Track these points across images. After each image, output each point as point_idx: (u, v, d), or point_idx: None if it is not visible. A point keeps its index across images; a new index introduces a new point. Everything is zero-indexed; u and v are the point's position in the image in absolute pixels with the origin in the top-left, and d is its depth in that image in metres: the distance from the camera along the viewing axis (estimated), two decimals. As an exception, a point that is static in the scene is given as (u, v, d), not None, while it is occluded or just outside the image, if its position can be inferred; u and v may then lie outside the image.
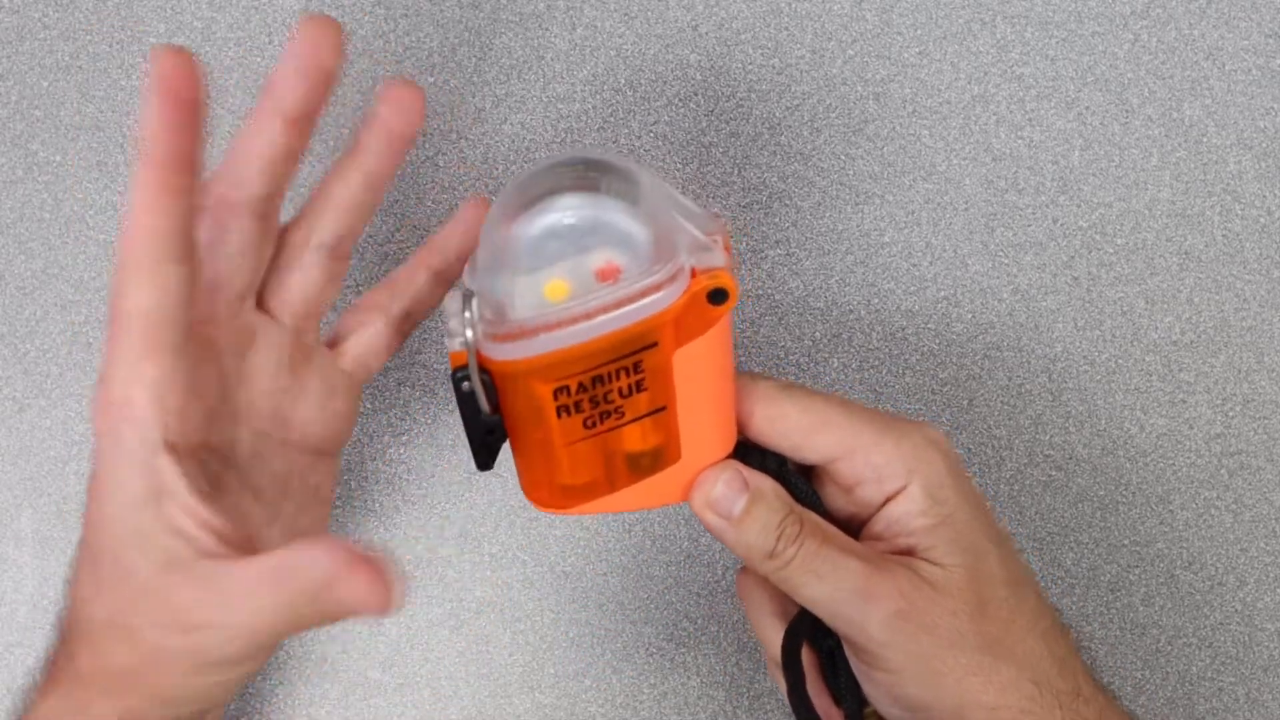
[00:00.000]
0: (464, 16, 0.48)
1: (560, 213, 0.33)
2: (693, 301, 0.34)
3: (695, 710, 0.50)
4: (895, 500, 0.38)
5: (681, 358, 0.35)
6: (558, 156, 0.35)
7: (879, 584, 0.37)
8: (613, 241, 0.33)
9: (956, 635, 0.37)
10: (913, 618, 0.37)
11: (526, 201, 0.33)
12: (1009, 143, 0.50)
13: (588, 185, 0.33)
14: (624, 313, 0.34)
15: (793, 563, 0.37)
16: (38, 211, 0.48)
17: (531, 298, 0.34)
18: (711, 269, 0.34)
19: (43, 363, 0.49)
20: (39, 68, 0.48)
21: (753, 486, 0.38)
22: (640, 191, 0.33)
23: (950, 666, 0.37)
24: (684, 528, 0.50)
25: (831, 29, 0.49)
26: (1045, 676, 0.38)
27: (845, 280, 0.50)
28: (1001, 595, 0.38)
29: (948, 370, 0.50)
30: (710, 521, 0.38)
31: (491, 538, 0.50)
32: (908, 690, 0.38)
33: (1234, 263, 0.50)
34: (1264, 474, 0.51)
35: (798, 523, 0.37)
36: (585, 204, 0.33)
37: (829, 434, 0.38)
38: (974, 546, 0.38)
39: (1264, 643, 0.51)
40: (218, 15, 0.48)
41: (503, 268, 0.33)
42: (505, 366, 0.35)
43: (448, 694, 0.50)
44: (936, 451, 0.38)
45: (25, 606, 0.49)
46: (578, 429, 0.36)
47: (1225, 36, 0.50)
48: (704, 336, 0.35)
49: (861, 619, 0.37)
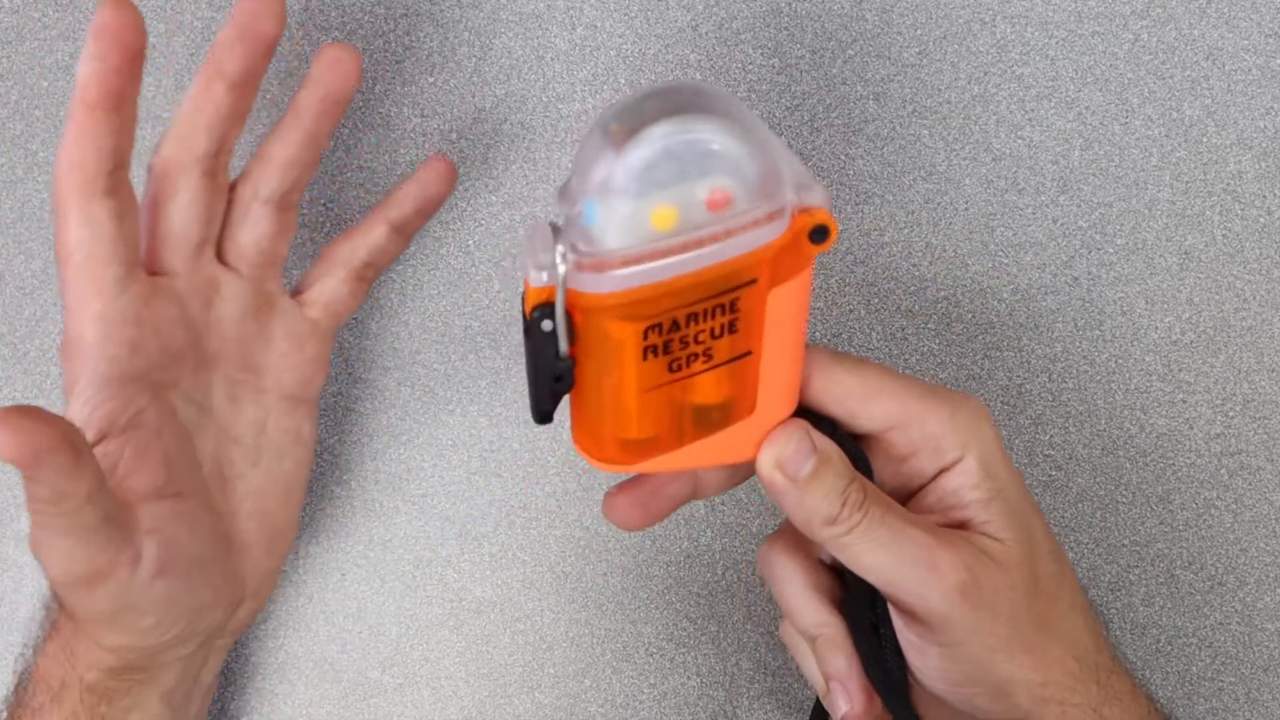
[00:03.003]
0: (464, 16, 0.48)
1: (674, 136, 0.31)
2: (795, 238, 0.33)
3: (695, 710, 0.50)
4: (949, 472, 0.38)
5: (774, 300, 0.34)
6: (660, 84, 0.34)
7: (943, 556, 0.36)
8: (724, 169, 0.32)
9: (1013, 611, 0.37)
10: (975, 592, 0.36)
11: (637, 124, 0.32)
12: (1009, 143, 0.50)
13: (699, 109, 0.32)
14: (731, 244, 0.32)
15: (856, 529, 0.36)
16: (37, 211, 0.48)
17: (637, 225, 0.32)
18: (812, 207, 0.33)
19: (43, 363, 0.49)
20: (39, 68, 0.48)
21: (821, 449, 0.37)
22: (748, 121, 0.32)
23: (1005, 642, 0.37)
24: (684, 528, 0.50)
25: (831, 29, 0.49)
26: (1085, 652, 0.38)
27: (845, 280, 0.50)
28: (1051, 570, 0.38)
29: (948, 370, 0.50)
30: (776, 482, 0.37)
31: (491, 538, 0.50)
32: (962, 665, 0.37)
33: (1234, 263, 0.50)
34: (1264, 474, 0.51)
35: (862, 490, 0.37)
36: (699, 128, 0.31)
37: (885, 402, 0.38)
38: (1026, 522, 0.38)
39: (1264, 643, 0.51)
40: (217, 15, 0.48)
41: (607, 192, 0.32)
42: (598, 300, 0.33)
43: (448, 694, 0.50)
44: (988, 424, 0.38)
45: (25, 606, 0.49)
46: (660, 373, 0.34)
47: (1225, 36, 0.50)
48: (798, 278, 0.34)
49: (924, 590, 0.36)
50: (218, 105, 0.40)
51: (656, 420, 0.36)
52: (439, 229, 0.49)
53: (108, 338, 0.38)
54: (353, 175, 0.48)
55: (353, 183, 0.48)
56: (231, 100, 0.40)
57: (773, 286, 0.34)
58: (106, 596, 0.38)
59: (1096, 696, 0.38)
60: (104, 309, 0.38)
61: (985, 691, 0.37)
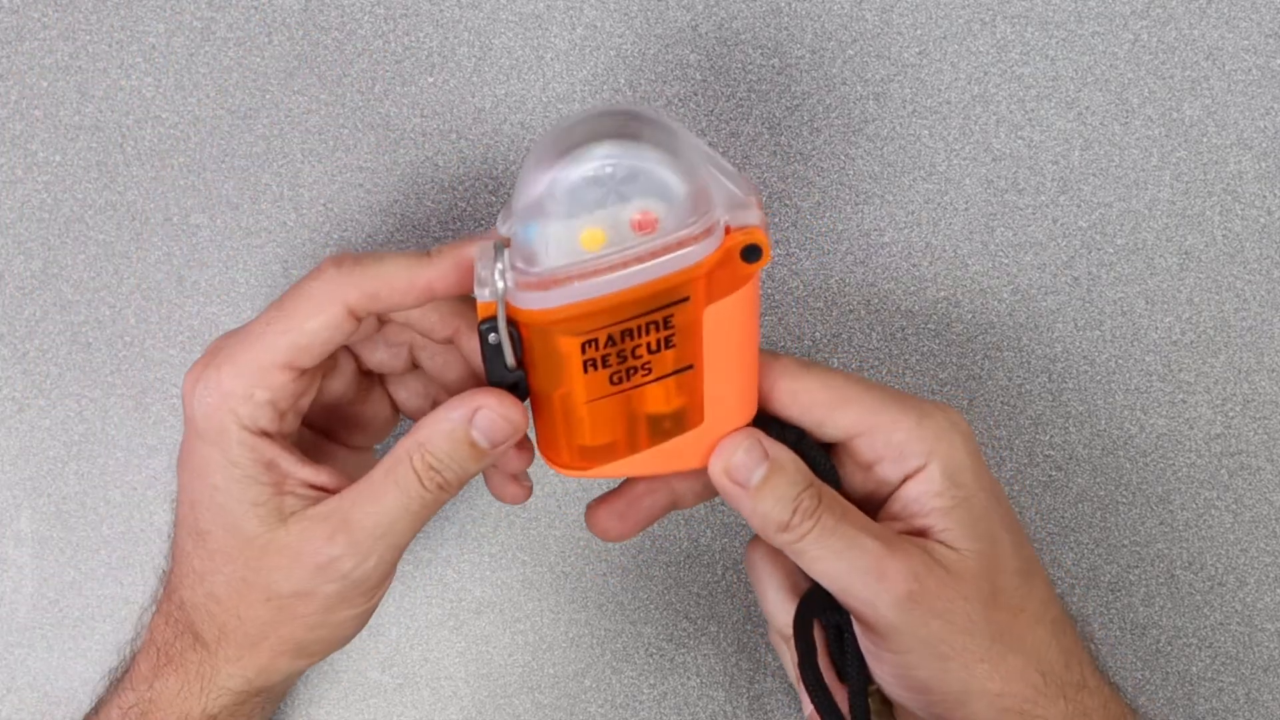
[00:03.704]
0: (464, 16, 0.48)
1: (601, 160, 0.33)
2: (726, 257, 0.34)
3: (695, 710, 0.50)
4: (913, 480, 0.38)
5: (711, 316, 0.35)
6: (598, 106, 0.35)
7: (892, 564, 0.36)
8: (651, 191, 0.33)
9: (967, 621, 0.37)
10: (924, 601, 0.36)
11: (566, 147, 0.33)
12: (1009, 143, 0.50)
13: (629, 134, 0.33)
14: (658, 264, 0.34)
15: (808, 536, 0.37)
16: (37, 211, 0.48)
17: (566, 245, 0.33)
18: (746, 226, 0.34)
19: (43, 363, 0.49)
20: (39, 68, 0.48)
21: (772, 457, 0.37)
22: (679, 144, 0.33)
23: (958, 651, 0.37)
24: (684, 528, 0.50)
25: (831, 29, 0.49)
26: (1051, 667, 0.38)
27: (845, 280, 0.50)
28: (1013, 584, 0.38)
29: (948, 370, 0.50)
30: (727, 489, 0.38)
31: (491, 538, 0.50)
32: (915, 672, 0.38)
33: (1234, 263, 0.50)
34: (1264, 474, 0.51)
35: (816, 496, 0.37)
36: (626, 152, 0.33)
37: (851, 410, 0.38)
38: (989, 532, 0.38)
39: (1264, 643, 0.51)
40: (217, 15, 0.48)
41: (539, 214, 0.33)
42: (534, 316, 0.34)
43: (448, 694, 0.50)
44: (957, 434, 0.38)
45: (25, 606, 0.49)
46: (603, 385, 0.36)
47: (1225, 36, 0.50)
48: (734, 295, 0.35)
49: (873, 598, 0.37)
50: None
51: (610, 428, 0.37)
52: (439, 229, 0.49)
53: (272, 407, 0.39)
54: (353, 175, 0.48)
55: (353, 183, 0.48)
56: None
57: (709, 303, 0.35)
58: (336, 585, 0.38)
59: (1063, 712, 0.38)
60: (284, 385, 0.39)
61: (941, 700, 0.38)
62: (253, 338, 0.38)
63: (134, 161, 0.48)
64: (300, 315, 0.37)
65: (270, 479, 0.38)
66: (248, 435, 0.37)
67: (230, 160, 0.48)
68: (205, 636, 0.39)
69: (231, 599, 0.39)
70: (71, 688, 0.49)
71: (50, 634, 0.49)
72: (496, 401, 0.37)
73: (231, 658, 0.39)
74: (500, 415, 0.37)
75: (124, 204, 0.48)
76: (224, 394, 0.37)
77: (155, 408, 0.49)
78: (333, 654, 0.49)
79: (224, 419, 0.37)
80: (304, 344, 0.37)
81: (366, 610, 0.40)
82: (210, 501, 0.38)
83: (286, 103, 0.48)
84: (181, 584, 0.40)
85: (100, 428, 0.49)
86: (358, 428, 0.44)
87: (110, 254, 0.48)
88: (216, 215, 0.48)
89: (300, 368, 0.38)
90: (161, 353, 0.49)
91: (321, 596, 0.38)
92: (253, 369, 0.37)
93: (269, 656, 0.39)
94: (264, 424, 0.38)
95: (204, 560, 0.39)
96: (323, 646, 0.40)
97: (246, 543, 0.38)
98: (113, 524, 0.49)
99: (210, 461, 0.38)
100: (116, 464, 0.49)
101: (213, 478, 0.38)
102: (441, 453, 0.37)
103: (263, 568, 0.38)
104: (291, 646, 0.39)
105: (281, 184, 0.48)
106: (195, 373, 0.38)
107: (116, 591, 0.49)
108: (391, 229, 0.49)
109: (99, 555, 0.49)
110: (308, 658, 0.40)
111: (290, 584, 0.38)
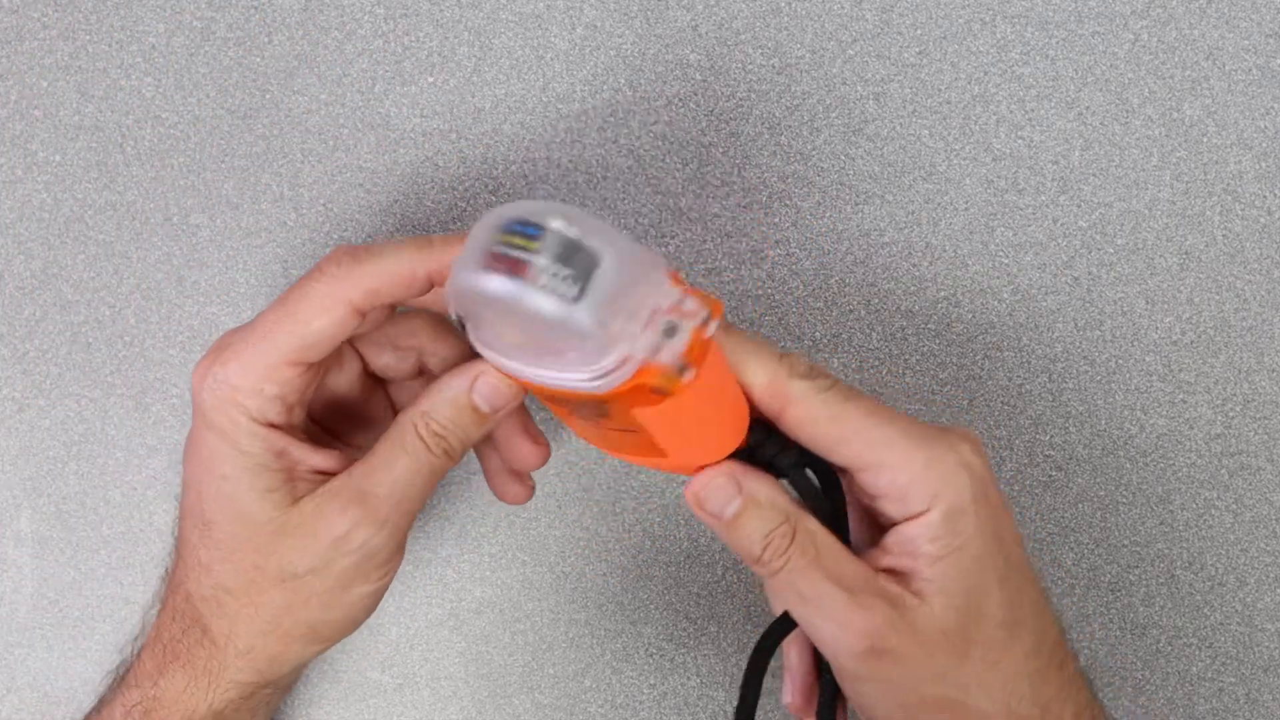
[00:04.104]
0: (464, 16, 0.48)
1: (503, 294, 0.30)
2: (637, 389, 0.32)
3: (695, 710, 0.50)
4: (912, 521, 0.37)
5: (645, 414, 0.34)
6: (522, 208, 0.31)
7: (855, 618, 0.36)
8: (562, 334, 0.31)
9: (930, 674, 0.37)
10: (885, 655, 0.37)
11: (479, 260, 0.31)
12: (1009, 143, 0.50)
13: (532, 276, 0.30)
14: (566, 381, 0.33)
15: (778, 575, 0.37)
16: (37, 211, 0.48)
17: (489, 332, 0.35)
18: (660, 366, 0.31)
19: (43, 363, 0.49)
20: (39, 68, 0.48)
21: (746, 492, 0.37)
22: (593, 280, 0.30)
23: (918, 702, 0.37)
24: (684, 528, 0.50)
25: (831, 29, 0.49)
26: (1025, 717, 0.38)
27: (845, 280, 0.50)
28: (995, 636, 0.37)
29: (948, 370, 0.50)
30: (703, 519, 0.39)
31: (491, 538, 0.50)
32: (878, 714, 0.38)
33: (1234, 263, 0.50)
34: (1264, 474, 0.51)
35: (788, 535, 0.37)
36: (543, 302, 0.30)
37: (857, 446, 0.37)
38: (976, 585, 0.37)
39: (1264, 643, 0.51)
40: (217, 15, 0.48)
41: (466, 302, 0.32)
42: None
43: (448, 694, 0.50)
44: (966, 476, 0.37)
45: (25, 606, 0.49)
46: (568, 416, 0.37)
47: (1225, 36, 0.50)
48: (670, 400, 0.33)
49: (835, 647, 0.37)
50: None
51: (597, 440, 0.39)
52: (439, 229, 0.49)
53: (281, 401, 0.39)
54: (353, 175, 0.48)
55: (353, 183, 0.48)
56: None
57: (635, 408, 0.33)
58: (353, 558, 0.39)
59: None
60: (292, 378, 0.39)
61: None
62: (258, 335, 0.38)
63: (134, 161, 0.48)
64: (304, 316, 0.37)
65: (281, 466, 0.38)
66: (258, 427, 0.38)
67: (230, 160, 0.48)
68: (214, 630, 0.39)
69: (243, 587, 0.39)
70: (71, 688, 0.49)
71: (50, 634, 0.49)
72: (495, 369, 0.37)
73: (242, 650, 0.39)
74: (500, 379, 0.38)
75: (124, 204, 0.48)
76: (233, 388, 0.38)
77: (155, 408, 0.49)
78: (333, 654, 0.49)
79: (234, 412, 0.38)
80: (310, 343, 0.38)
81: (379, 588, 0.40)
82: (218, 492, 0.38)
83: (286, 103, 0.48)
84: (187, 577, 0.40)
85: (100, 428, 0.49)
86: (360, 426, 0.44)
87: (110, 254, 0.48)
88: (216, 215, 0.48)
89: (307, 363, 0.38)
90: (161, 353, 0.49)
91: (337, 571, 0.38)
92: (260, 366, 0.38)
93: (282, 643, 0.40)
94: (273, 417, 0.38)
95: (210, 551, 0.39)
96: (335, 629, 0.40)
97: (257, 529, 0.38)
98: (113, 524, 0.49)
99: (219, 452, 0.38)
100: (116, 464, 0.49)
101: (222, 468, 0.38)
102: (445, 419, 0.38)
103: (276, 550, 0.38)
104: (305, 630, 0.39)
105: (281, 184, 0.48)
106: (203, 368, 0.38)
107: (117, 591, 0.49)
108: (391, 229, 0.49)
109: (99, 555, 0.49)
110: (320, 642, 0.40)
111: (306, 561, 0.38)
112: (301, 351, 0.38)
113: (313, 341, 0.38)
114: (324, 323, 0.37)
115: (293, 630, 0.39)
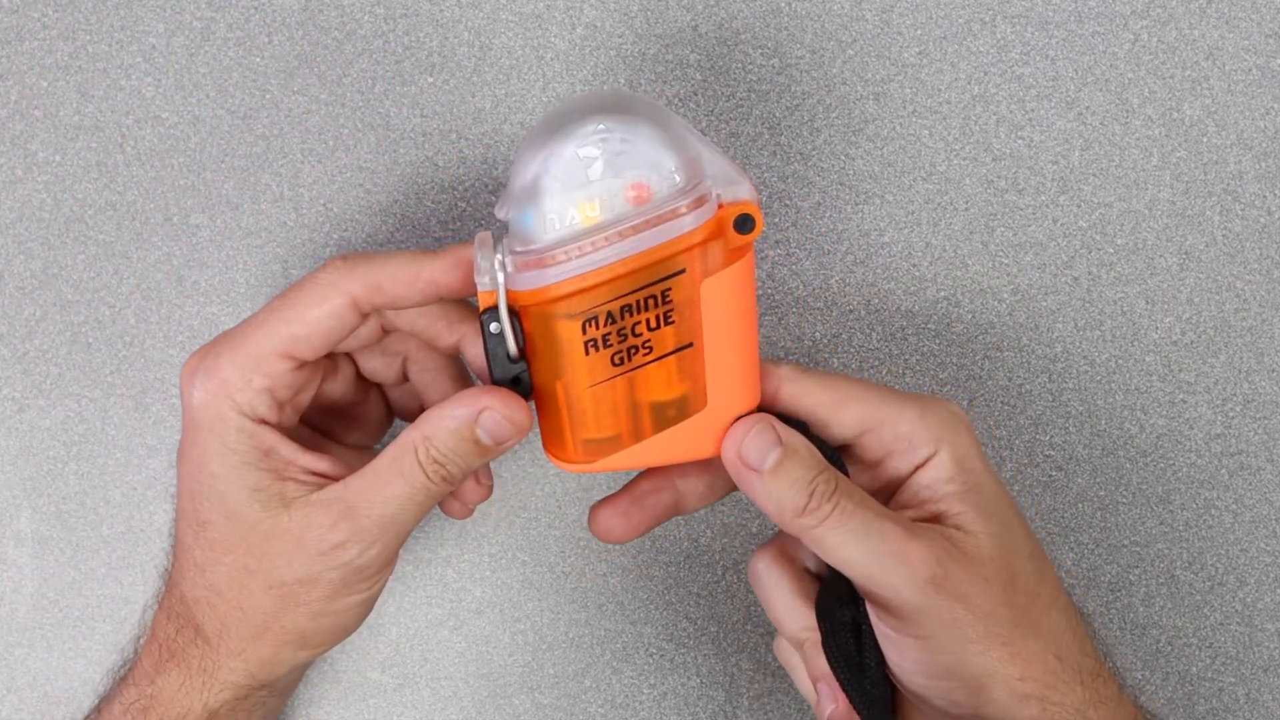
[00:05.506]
0: (464, 16, 0.48)
1: (593, 133, 0.34)
2: (720, 227, 0.35)
3: (695, 710, 0.50)
4: (924, 468, 0.38)
5: (709, 290, 0.36)
6: (588, 92, 0.35)
7: (915, 548, 0.36)
8: (643, 164, 0.34)
9: (988, 604, 0.37)
10: (947, 584, 0.36)
11: (560, 127, 0.34)
12: (1009, 143, 0.50)
13: (620, 110, 0.34)
14: (653, 233, 0.35)
15: (828, 520, 0.37)
16: (37, 211, 0.48)
17: (563, 220, 0.35)
18: (738, 199, 0.36)
19: (43, 363, 0.49)
20: (39, 68, 0.48)
21: (786, 440, 0.37)
22: (669, 120, 0.35)
23: (980, 635, 0.37)
24: (684, 528, 0.50)
25: (831, 29, 0.49)
26: (1068, 652, 0.38)
27: (845, 280, 0.50)
28: (1028, 568, 0.38)
29: (948, 370, 0.50)
30: (740, 473, 0.38)
31: (491, 538, 0.50)
32: (938, 657, 0.37)
33: (1234, 263, 0.50)
34: (1264, 474, 0.51)
35: (832, 481, 0.37)
36: (618, 126, 0.34)
37: (856, 407, 0.39)
38: (1003, 517, 0.38)
39: (1264, 643, 0.51)
40: (217, 15, 0.48)
41: (535, 192, 0.34)
42: (535, 296, 0.35)
43: (448, 694, 0.50)
44: (960, 424, 0.39)
45: (25, 606, 0.49)
46: (605, 367, 0.36)
47: (1225, 36, 0.50)
48: (730, 269, 0.36)
49: (897, 582, 0.37)
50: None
51: (614, 418, 0.37)
52: (439, 229, 0.49)
53: (270, 395, 0.39)
54: (353, 175, 0.48)
55: (353, 183, 0.48)
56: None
57: (705, 277, 0.36)
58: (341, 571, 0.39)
59: (1081, 698, 0.38)
60: (283, 373, 0.39)
61: (962, 685, 0.37)
62: (252, 326, 0.38)
63: (134, 161, 0.48)
64: (302, 305, 0.37)
65: (269, 465, 0.38)
66: (246, 422, 0.38)
67: (230, 160, 0.48)
68: (207, 630, 0.39)
69: (233, 590, 0.39)
70: (71, 688, 0.49)
71: (50, 634, 0.49)
72: (501, 403, 0.37)
73: (233, 651, 0.39)
74: (504, 416, 0.37)
75: (124, 204, 0.48)
76: (221, 380, 0.38)
77: (155, 408, 0.49)
78: (333, 654, 0.49)
79: (221, 406, 0.38)
80: (304, 333, 0.37)
81: (369, 598, 0.40)
82: (210, 491, 0.38)
83: (286, 103, 0.48)
84: (183, 578, 0.40)
85: (100, 428, 0.49)
86: (356, 426, 0.44)
87: (110, 254, 0.48)
88: (216, 215, 0.48)
89: (299, 358, 0.38)
90: (161, 353, 0.49)
91: (325, 583, 0.38)
92: (251, 356, 0.37)
93: (272, 648, 0.39)
94: (262, 412, 0.38)
95: (204, 551, 0.39)
96: (326, 636, 0.40)
97: (248, 530, 0.38)
98: (113, 524, 0.49)
99: (208, 450, 0.38)
100: (116, 464, 0.49)
101: (211, 466, 0.38)
102: (447, 448, 0.38)
103: (265, 555, 0.38)
104: (294, 636, 0.39)
105: (281, 184, 0.48)
106: (193, 363, 0.38)
107: (116, 591, 0.49)
108: (391, 229, 0.49)
109: (99, 555, 0.49)
110: (311, 648, 0.40)
111: (293, 570, 0.38)
112: (294, 343, 0.37)
113: (307, 332, 0.37)
114: (321, 312, 0.37)
115: (282, 635, 0.39)
